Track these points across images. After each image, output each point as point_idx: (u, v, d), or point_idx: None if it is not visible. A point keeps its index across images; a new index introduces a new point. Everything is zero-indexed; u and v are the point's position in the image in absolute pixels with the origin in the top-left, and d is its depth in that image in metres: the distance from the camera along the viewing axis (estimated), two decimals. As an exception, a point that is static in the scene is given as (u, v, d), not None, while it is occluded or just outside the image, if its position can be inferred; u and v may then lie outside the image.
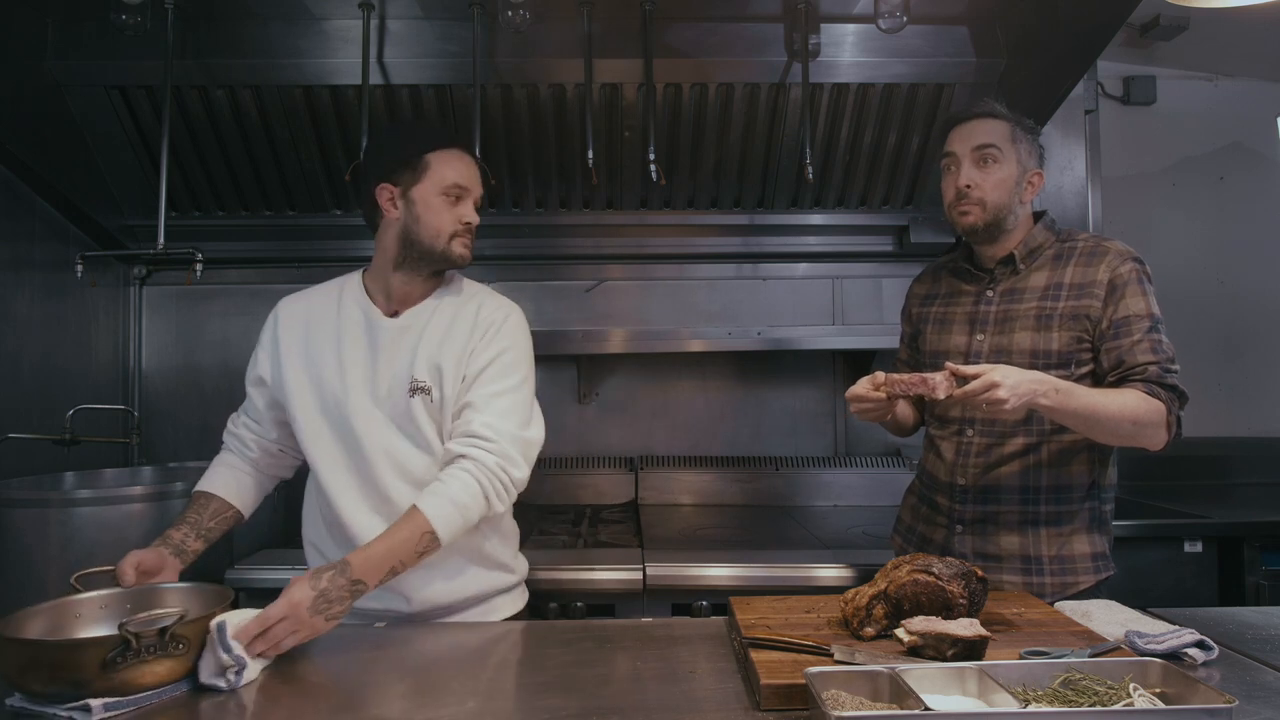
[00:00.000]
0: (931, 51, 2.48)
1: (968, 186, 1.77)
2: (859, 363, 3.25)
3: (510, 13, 2.14)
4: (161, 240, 2.44)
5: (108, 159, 2.67)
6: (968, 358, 1.81)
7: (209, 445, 3.08)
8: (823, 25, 2.45)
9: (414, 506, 1.54)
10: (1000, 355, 1.78)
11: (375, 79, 2.43)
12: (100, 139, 2.61)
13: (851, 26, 2.46)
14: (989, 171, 1.77)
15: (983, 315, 1.83)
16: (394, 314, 1.74)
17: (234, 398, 3.09)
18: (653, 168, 2.38)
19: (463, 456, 1.60)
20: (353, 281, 1.82)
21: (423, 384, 1.68)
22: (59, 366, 2.73)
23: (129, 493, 2.07)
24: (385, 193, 1.71)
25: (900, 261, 3.16)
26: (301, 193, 2.82)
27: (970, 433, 1.82)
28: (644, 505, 3.10)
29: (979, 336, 1.82)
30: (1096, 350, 1.75)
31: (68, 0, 2.35)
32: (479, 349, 1.69)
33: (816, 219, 3.01)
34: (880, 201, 2.92)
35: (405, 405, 1.67)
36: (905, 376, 1.62)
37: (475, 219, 1.73)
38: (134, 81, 2.48)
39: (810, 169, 2.44)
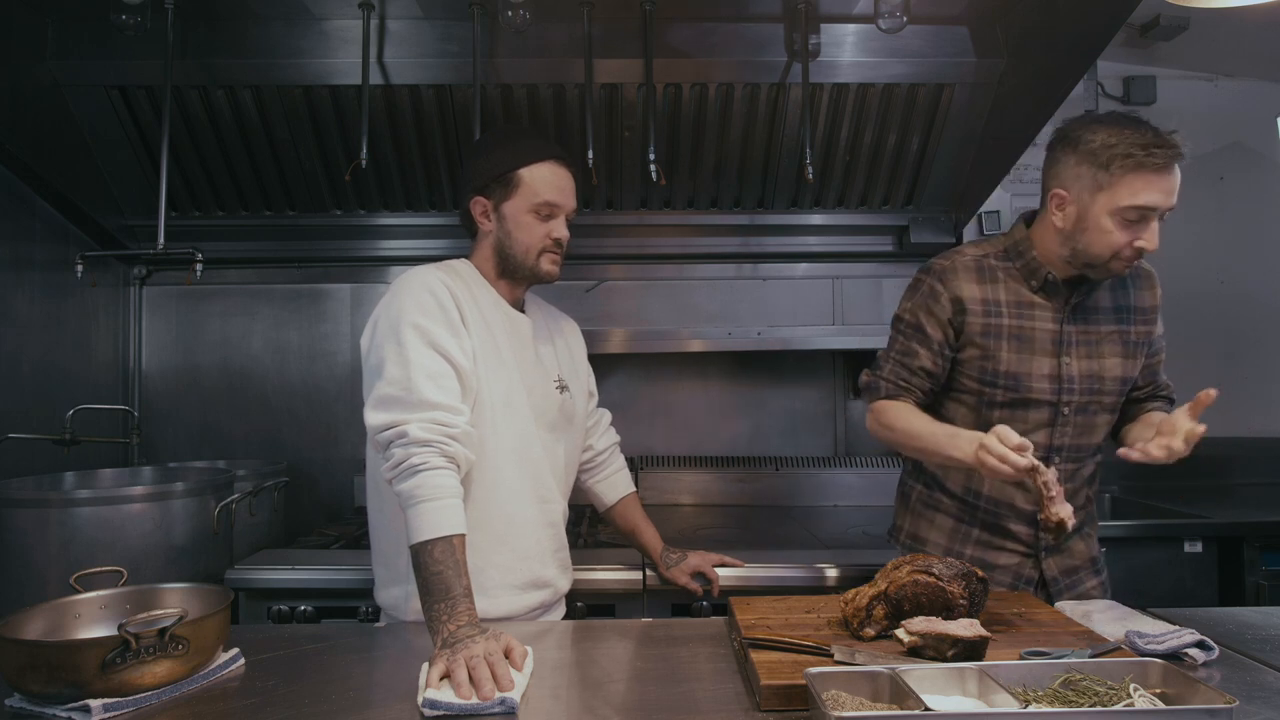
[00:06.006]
0: (931, 51, 2.48)
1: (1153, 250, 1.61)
2: (859, 363, 3.25)
3: (510, 13, 2.14)
4: (161, 240, 2.44)
5: (108, 159, 2.67)
6: (1058, 383, 1.71)
7: (209, 445, 3.13)
8: (823, 25, 2.44)
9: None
10: (1092, 381, 1.72)
11: (375, 79, 2.43)
12: (100, 139, 2.61)
13: (851, 26, 2.46)
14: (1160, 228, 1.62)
15: (1066, 336, 1.72)
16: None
17: (234, 398, 3.14)
18: (653, 168, 2.38)
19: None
20: (472, 271, 1.76)
21: (565, 383, 1.84)
22: (59, 366, 2.73)
23: (129, 493, 2.07)
24: (479, 205, 1.74)
25: (900, 261, 3.16)
26: (301, 193, 2.82)
27: (1058, 460, 1.73)
28: (644, 505, 3.09)
29: (1065, 359, 1.71)
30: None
31: (68, 0, 2.35)
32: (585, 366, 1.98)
33: (816, 219, 3.01)
34: (880, 201, 2.92)
35: (557, 399, 1.79)
36: (1053, 479, 1.46)
37: (565, 235, 1.75)
38: (134, 81, 2.48)
39: (810, 169, 2.44)
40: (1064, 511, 1.45)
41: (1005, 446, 1.45)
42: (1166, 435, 1.53)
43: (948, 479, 1.84)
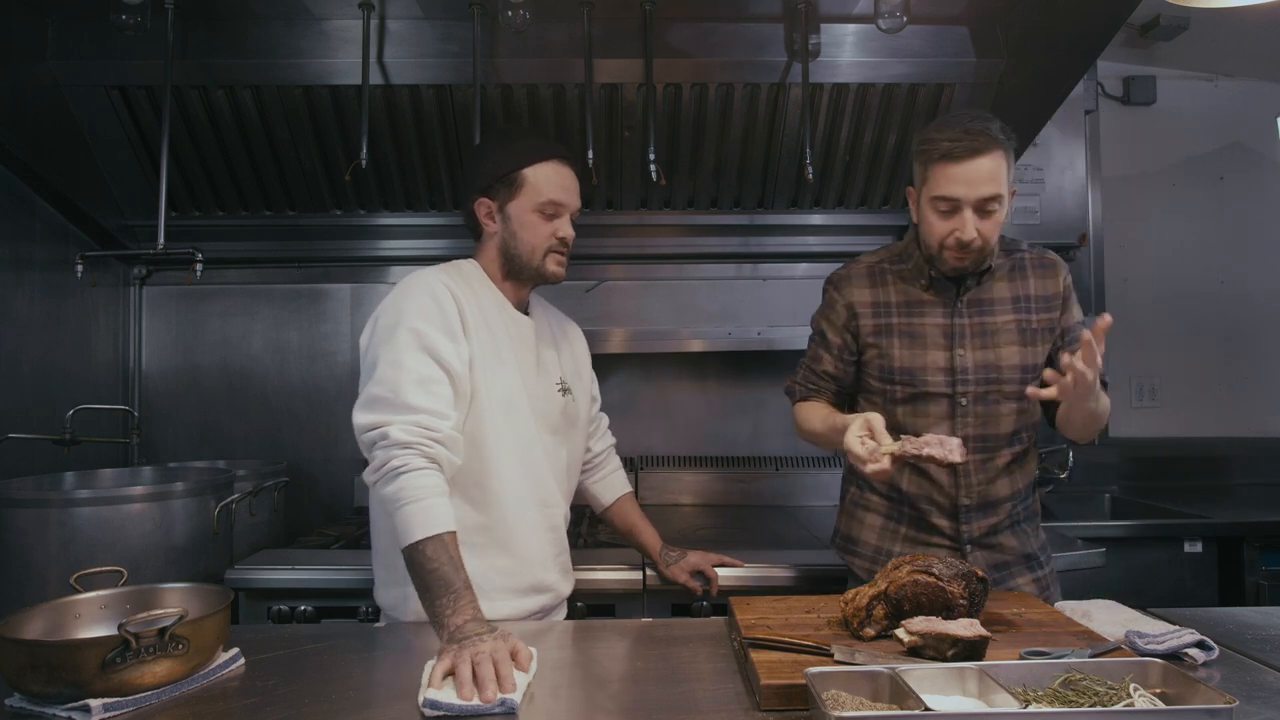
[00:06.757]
0: (931, 51, 2.48)
1: (974, 240, 1.64)
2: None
3: (510, 13, 2.14)
4: (161, 240, 2.44)
5: (108, 159, 2.67)
6: (952, 374, 1.76)
7: (209, 445, 3.13)
8: (823, 25, 2.45)
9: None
10: (988, 371, 1.75)
11: (375, 79, 2.43)
12: (100, 139, 2.61)
13: (851, 26, 2.46)
14: (992, 218, 1.65)
15: (958, 329, 1.76)
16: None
17: (234, 398, 3.14)
18: (653, 168, 2.38)
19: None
20: (478, 272, 1.76)
21: (568, 386, 1.84)
22: (59, 366, 2.73)
23: (129, 493, 2.07)
24: (483, 207, 1.74)
25: (900, 261, 3.16)
26: (301, 193, 2.82)
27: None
28: (644, 505, 3.07)
29: (959, 351, 1.76)
30: (1050, 358, 1.79)
31: (68, 0, 2.35)
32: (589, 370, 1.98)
33: (816, 219, 3.01)
34: (880, 202, 2.91)
35: (559, 402, 1.80)
36: (915, 441, 1.52)
37: (571, 234, 1.75)
38: (134, 81, 2.48)
39: (810, 169, 2.44)
40: (937, 451, 1.50)
41: (862, 465, 1.53)
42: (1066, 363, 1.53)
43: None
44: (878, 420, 1.56)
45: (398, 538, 1.45)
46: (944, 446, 1.51)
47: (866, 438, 1.54)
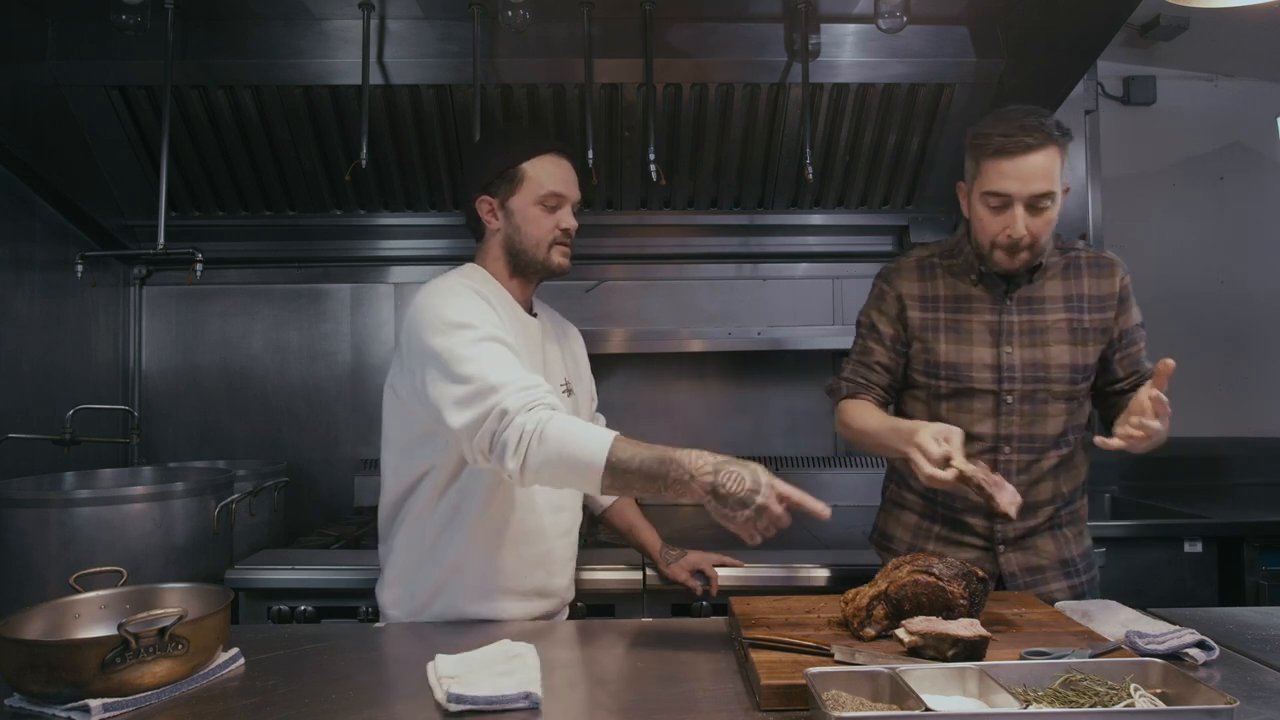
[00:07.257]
0: (931, 51, 2.48)
1: (1025, 238, 1.64)
2: (859, 363, 3.24)
3: (510, 13, 2.14)
4: (161, 240, 2.44)
5: (108, 159, 2.67)
6: (998, 371, 1.74)
7: (209, 445, 3.13)
8: (823, 25, 2.45)
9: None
10: (1036, 369, 1.73)
11: (375, 79, 2.43)
12: (100, 139, 2.61)
13: (851, 26, 2.46)
14: (1044, 216, 1.64)
15: (1006, 326, 1.75)
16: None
17: (234, 398, 3.14)
18: (653, 168, 2.38)
19: None
20: (483, 275, 1.75)
21: (571, 386, 1.84)
22: (59, 366, 2.72)
23: (129, 493, 2.07)
24: (485, 205, 1.74)
25: (900, 261, 3.16)
26: (301, 193, 2.82)
27: (1008, 450, 1.74)
28: (644, 505, 3.08)
29: (1006, 349, 1.74)
30: (1106, 360, 1.77)
31: (68, 0, 2.35)
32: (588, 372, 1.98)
33: (816, 219, 3.01)
34: (880, 201, 2.92)
35: (567, 404, 1.78)
36: (988, 475, 1.48)
37: (573, 224, 1.75)
38: (134, 81, 2.48)
39: (810, 169, 2.44)
40: (1003, 500, 1.47)
41: (929, 464, 1.49)
42: (1137, 415, 1.52)
43: (912, 475, 1.84)
44: (957, 434, 1.51)
45: (587, 487, 1.43)
46: (1008, 496, 1.48)
47: (944, 440, 1.50)
